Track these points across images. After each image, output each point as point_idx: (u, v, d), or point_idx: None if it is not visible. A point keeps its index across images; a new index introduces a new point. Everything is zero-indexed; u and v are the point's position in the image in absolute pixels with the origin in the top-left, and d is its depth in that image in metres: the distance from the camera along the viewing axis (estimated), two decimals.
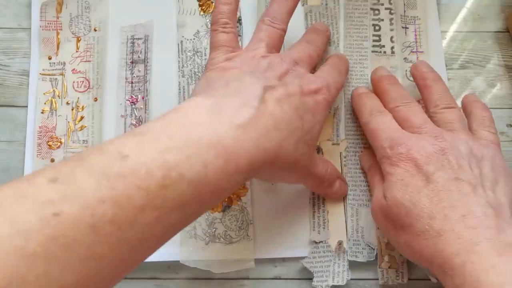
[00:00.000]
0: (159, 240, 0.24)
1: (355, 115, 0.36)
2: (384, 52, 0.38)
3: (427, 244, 0.27)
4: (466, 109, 0.34)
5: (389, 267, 0.34)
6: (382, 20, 0.38)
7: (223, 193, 0.26)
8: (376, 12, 0.38)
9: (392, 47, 0.38)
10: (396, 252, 0.34)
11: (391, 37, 0.38)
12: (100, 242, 0.21)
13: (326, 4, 0.38)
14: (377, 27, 0.38)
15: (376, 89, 0.35)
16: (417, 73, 0.34)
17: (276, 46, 0.32)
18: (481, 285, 0.24)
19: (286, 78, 0.29)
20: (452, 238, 0.26)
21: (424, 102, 0.34)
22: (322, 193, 0.35)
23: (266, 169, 0.27)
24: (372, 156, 0.34)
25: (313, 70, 0.34)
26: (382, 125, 0.32)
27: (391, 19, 0.38)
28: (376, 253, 0.34)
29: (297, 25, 0.38)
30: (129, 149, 0.23)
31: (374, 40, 0.38)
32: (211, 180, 0.24)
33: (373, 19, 0.38)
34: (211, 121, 0.25)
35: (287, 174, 0.30)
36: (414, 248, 0.28)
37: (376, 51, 0.38)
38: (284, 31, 0.33)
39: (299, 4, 0.38)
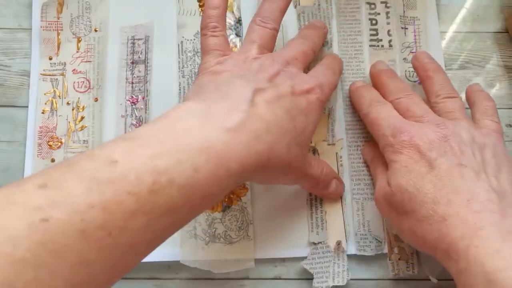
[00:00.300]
0: (150, 245, 0.24)
1: (355, 109, 0.36)
2: (382, 46, 0.38)
3: (431, 229, 0.27)
4: (469, 99, 0.34)
5: (399, 259, 0.34)
6: (379, 14, 0.38)
7: (214, 198, 0.26)
8: (372, 6, 0.38)
9: (390, 41, 0.38)
10: (405, 243, 0.34)
11: (388, 31, 0.38)
12: (90, 248, 0.20)
13: (319, 4, 0.38)
14: (373, 21, 0.38)
15: (376, 83, 0.35)
16: (418, 64, 0.34)
17: (268, 46, 0.32)
18: (485, 269, 0.24)
19: (277, 79, 0.29)
20: (456, 223, 0.26)
21: (425, 93, 0.34)
22: (319, 194, 0.35)
23: (259, 172, 0.27)
24: (374, 148, 0.34)
25: (307, 68, 0.34)
26: (383, 114, 0.32)
27: (387, 13, 0.38)
28: (384, 247, 0.34)
29: (290, 27, 0.38)
30: (118, 155, 0.23)
31: (371, 34, 0.38)
32: (202, 185, 0.24)
33: (370, 13, 0.38)
34: (201, 126, 0.25)
35: (282, 177, 0.30)
36: (417, 233, 0.28)
37: (374, 45, 0.38)
38: (277, 30, 0.32)
39: (291, 6, 0.38)
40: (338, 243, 0.34)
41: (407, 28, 0.38)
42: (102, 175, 0.22)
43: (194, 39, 0.38)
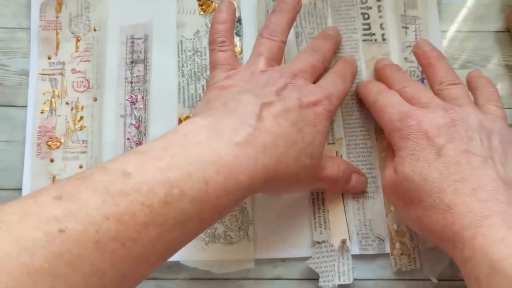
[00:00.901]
0: (161, 256, 0.24)
1: (362, 101, 0.36)
2: (375, 39, 0.38)
3: (437, 218, 0.27)
4: (471, 85, 0.34)
5: (401, 254, 0.34)
6: (370, 8, 0.38)
7: (223, 210, 0.26)
8: (364, 0, 0.38)
9: (383, 34, 0.38)
10: (406, 238, 0.34)
11: (381, 24, 0.38)
12: (104, 259, 0.21)
13: (315, 4, 0.38)
14: (366, 16, 0.38)
15: (380, 77, 0.35)
16: (420, 51, 0.34)
17: (276, 58, 0.32)
18: (490, 257, 0.24)
19: (285, 92, 0.30)
20: (462, 212, 0.26)
21: (428, 81, 0.34)
22: (342, 191, 0.35)
23: (267, 184, 0.28)
24: None
25: (318, 78, 0.34)
26: (390, 102, 0.32)
27: (379, 6, 0.38)
28: (386, 245, 0.34)
29: None
30: (131, 167, 0.23)
31: (364, 29, 0.38)
32: (212, 197, 0.25)
33: (361, 8, 0.38)
34: (210, 141, 0.26)
35: (290, 188, 0.31)
36: (424, 222, 0.28)
37: (367, 40, 0.38)
38: (284, 42, 0.32)
39: None
40: (343, 242, 0.34)
41: (408, 28, 0.38)
42: (116, 187, 0.22)
43: (194, 38, 0.38)
